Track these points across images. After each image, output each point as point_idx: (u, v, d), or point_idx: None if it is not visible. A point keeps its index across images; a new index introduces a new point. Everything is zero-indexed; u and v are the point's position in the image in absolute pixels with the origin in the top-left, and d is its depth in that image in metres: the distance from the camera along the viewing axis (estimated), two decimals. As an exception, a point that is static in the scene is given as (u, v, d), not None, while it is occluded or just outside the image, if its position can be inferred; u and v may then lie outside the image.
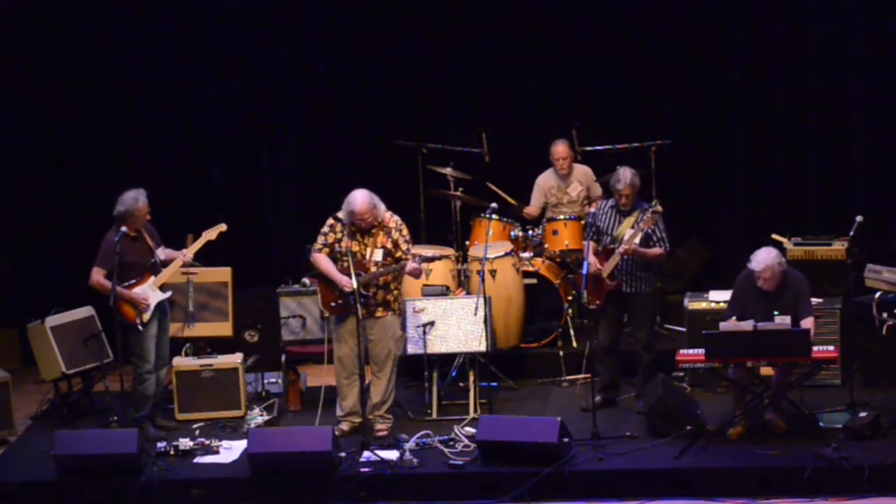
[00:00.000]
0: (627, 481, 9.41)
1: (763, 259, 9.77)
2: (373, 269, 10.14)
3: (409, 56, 13.18)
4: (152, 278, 10.41)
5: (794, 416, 10.11)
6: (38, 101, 13.06)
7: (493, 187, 12.28)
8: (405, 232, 10.28)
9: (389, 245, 10.20)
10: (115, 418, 10.55)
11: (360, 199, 10.07)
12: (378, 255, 10.17)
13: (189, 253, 10.53)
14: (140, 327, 10.31)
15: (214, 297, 11.34)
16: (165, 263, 10.49)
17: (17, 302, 12.72)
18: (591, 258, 10.59)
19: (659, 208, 10.43)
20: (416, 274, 10.19)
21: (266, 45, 13.24)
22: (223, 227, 10.67)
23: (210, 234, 10.63)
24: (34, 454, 10.18)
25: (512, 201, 12.29)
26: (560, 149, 12.16)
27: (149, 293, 10.36)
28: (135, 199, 10.25)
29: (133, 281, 10.32)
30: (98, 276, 10.27)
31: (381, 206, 10.18)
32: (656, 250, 10.51)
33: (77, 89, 13.09)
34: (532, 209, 12.36)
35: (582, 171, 12.24)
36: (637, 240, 10.38)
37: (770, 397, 9.97)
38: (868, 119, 12.77)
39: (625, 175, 10.52)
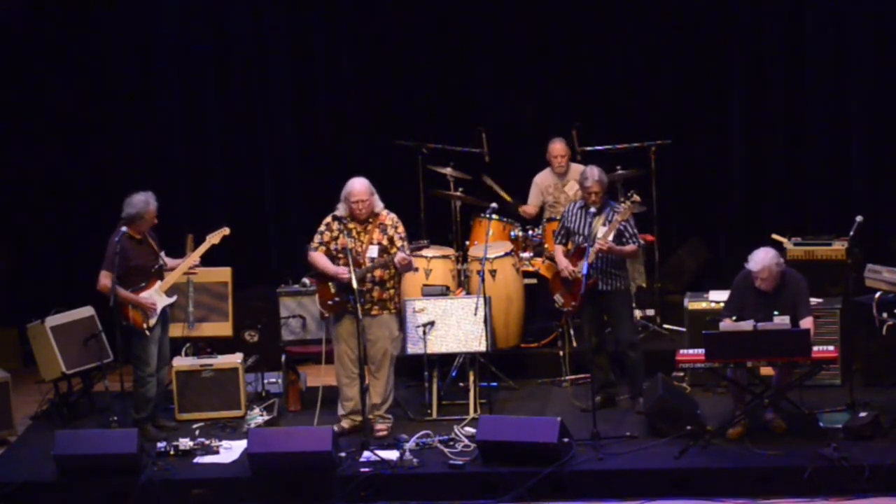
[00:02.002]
0: (627, 481, 9.41)
1: (761, 259, 9.77)
2: (368, 264, 10.16)
3: (409, 56, 13.18)
4: (159, 283, 10.41)
5: (794, 416, 10.11)
6: (38, 102, 13.06)
7: (489, 181, 12.26)
8: (401, 229, 10.30)
9: (385, 242, 10.21)
10: (115, 418, 10.54)
11: (358, 182, 10.19)
12: (373, 251, 10.18)
13: (195, 257, 10.53)
14: (147, 332, 10.31)
15: (214, 297, 11.35)
16: (169, 269, 10.52)
17: (17, 302, 12.72)
18: (563, 262, 10.61)
19: (637, 198, 10.45)
20: (406, 264, 10.16)
21: (266, 45, 13.24)
22: (227, 231, 10.67)
23: (214, 239, 10.63)
24: (34, 454, 10.17)
25: (507, 197, 12.28)
26: (557, 146, 12.16)
27: (155, 298, 10.37)
28: (145, 202, 10.25)
29: (142, 285, 10.32)
30: (106, 280, 10.23)
31: (379, 201, 10.23)
32: (630, 247, 10.53)
33: (78, 90, 13.08)
34: (530, 208, 12.35)
35: (580, 171, 12.20)
36: (611, 236, 10.39)
37: (770, 397, 9.97)
38: (868, 119, 12.77)
39: (592, 173, 10.54)
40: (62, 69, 13.05)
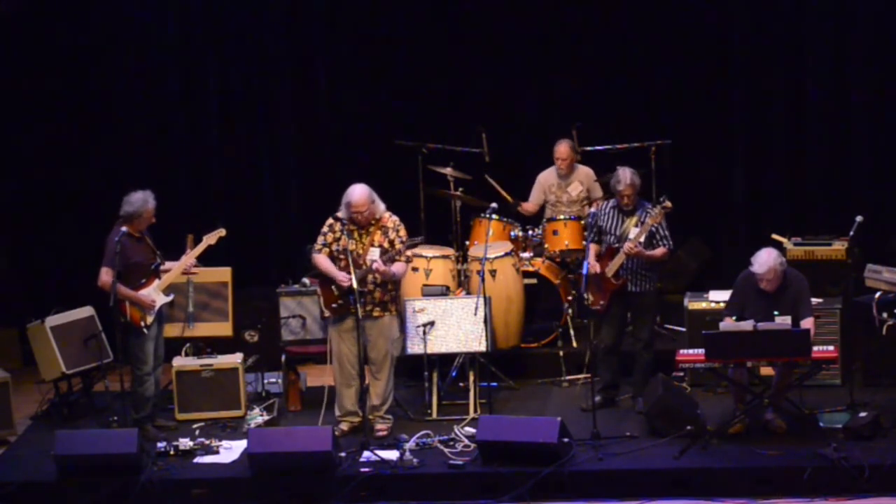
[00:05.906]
0: (627, 481, 9.41)
1: (764, 261, 9.77)
2: (368, 265, 10.14)
3: (410, 56, 13.17)
4: (157, 281, 10.43)
5: (794, 416, 10.12)
6: (38, 101, 13.05)
7: (491, 181, 12.26)
8: (402, 233, 10.29)
9: (386, 244, 10.20)
10: (115, 418, 10.55)
11: (358, 191, 10.13)
12: (374, 253, 10.17)
13: (192, 257, 10.55)
14: (145, 330, 10.32)
15: (214, 297, 11.36)
16: (165, 270, 10.54)
17: (17, 302, 12.72)
18: (593, 262, 10.59)
19: (668, 204, 10.43)
20: (384, 274, 10.11)
21: (266, 45, 13.23)
22: (223, 232, 10.69)
23: (210, 239, 10.66)
24: (34, 454, 10.18)
25: (508, 198, 12.28)
26: (561, 149, 12.16)
27: (154, 296, 10.38)
28: (144, 200, 10.29)
29: (142, 282, 10.35)
30: (108, 276, 10.24)
31: (380, 205, 10.22)
32: (660, 250, 10.52)
33: (78, 89, 13.08)
34: (529, 205, 12.35)
35: (584, 172, 12.24)
36: (642, 238, 10.38)
37: (770, 397, 9.97)
38: (868, 119, 12.77)
39: (624, 175, 10.53)
40: (62, 69, 13.03)
